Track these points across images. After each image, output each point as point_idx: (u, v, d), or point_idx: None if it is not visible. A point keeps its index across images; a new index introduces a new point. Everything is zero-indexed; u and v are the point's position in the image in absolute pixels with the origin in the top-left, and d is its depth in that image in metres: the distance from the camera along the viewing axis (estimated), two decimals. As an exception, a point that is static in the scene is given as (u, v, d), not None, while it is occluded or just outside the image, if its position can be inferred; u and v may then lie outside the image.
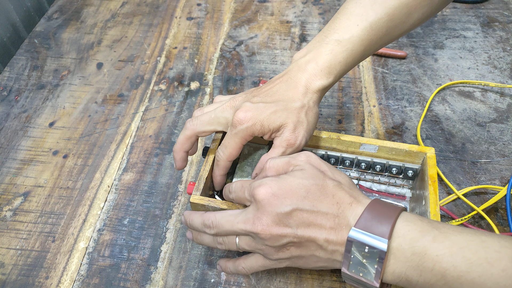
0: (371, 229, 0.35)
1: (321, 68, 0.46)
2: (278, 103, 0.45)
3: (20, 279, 0.52)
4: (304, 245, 0.38)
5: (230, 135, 0.46)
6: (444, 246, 0.33)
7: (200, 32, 0.85)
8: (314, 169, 0.40)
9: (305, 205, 0.37)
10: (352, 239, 0.35)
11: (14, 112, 0.72)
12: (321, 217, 0.37)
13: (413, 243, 0.34)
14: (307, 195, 0.38)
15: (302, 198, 0.38)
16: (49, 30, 0.88)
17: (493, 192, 0.58)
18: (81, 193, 0.61)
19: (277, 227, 0.38)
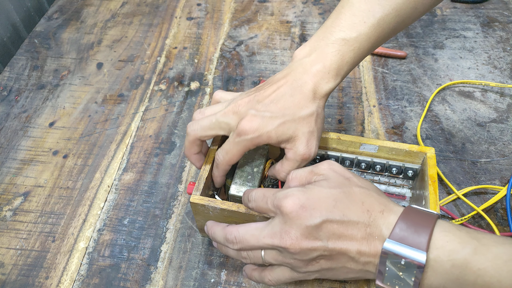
0: (407, 241, 0.33)
1: (328, 70, 0.44)
2: (285, 113, 0.43)
3: (20, 279, 0.52)
4: (335, 258, 0.36)
5: (233, 142, 0.44)
6: (487, 259, 0.31)
7: (200, 32, 0.85)
8: (339, 176, 0.39)
9: (335, 215, 0.36)
10: (387, 251, 0.33)
11: (14, 112, 0.72)
12: (352, 227, 0.35)
13: (453, 255, 0.32)
14: (336, 204, 0.36)
15: (331, 208, 0.36)
16: (49, 30, 0.88)
17: (493, 192, 0.58)
18: (81, 193, 0.61)
19: (307, 241, 0.36)
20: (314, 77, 0.44)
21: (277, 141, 0.43)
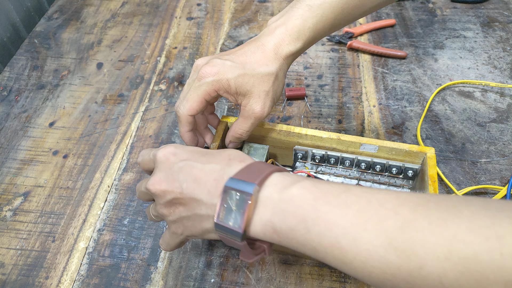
0: (245, 178, 0.35)
1: (289, 33, 0.46)
2: (246, 66, 0.45)
3: (20, 279, 0.52)
4: (188, 203, 0.37)
5: (193, 88, 0.45)
6: (310, 192, 0.33)
7: (200, 32, 0.85)
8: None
9: (198, 161, 0.38)
10: (226, 188, 0.35)
11: (14, 112, 0.72)
12: (209, 171, 0.37)
13: (283, 191, 0.34)
14: (206, 154, 0.39)
15: (198, 156, 0.38)
16: (49, 30, 0.88)
17: (493, 192, 0.58)
18: (81, 193, 0.61)
19: (166, 182, 0.38)
20: (276, 38, 0.46)
21: (235, 92, 0.45)
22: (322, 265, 0.52)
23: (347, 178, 0.58)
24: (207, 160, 0.38)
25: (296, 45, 0.47)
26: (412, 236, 0.27)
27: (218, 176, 0.36)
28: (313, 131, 0.53)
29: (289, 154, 0.57)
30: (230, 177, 0.35)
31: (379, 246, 0.28)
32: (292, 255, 0.52)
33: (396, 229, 0.28)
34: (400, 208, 0.29)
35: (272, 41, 0.46)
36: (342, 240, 0.30)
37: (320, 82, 0.74)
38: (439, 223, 0.27)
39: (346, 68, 0.76)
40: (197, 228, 0.38)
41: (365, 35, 0.82)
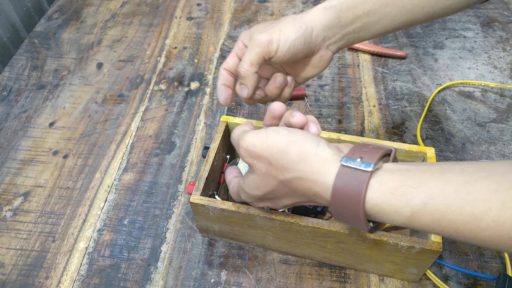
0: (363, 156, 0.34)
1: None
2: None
3: (20, 279, 0.52)
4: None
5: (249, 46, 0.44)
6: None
7: (200, 32, 0.85)
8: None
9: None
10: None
11: (14, 112, 0.72)
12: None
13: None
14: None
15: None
16: (49, 30, 0.88)
17: (493, 192, 0.58)
18: (81, 193, 0.61)
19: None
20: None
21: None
22: (322, 265, 0.52)
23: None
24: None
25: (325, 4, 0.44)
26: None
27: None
28: (313, 131, 0.53)
29: (289, 154, 0.57)
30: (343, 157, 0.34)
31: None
32: (292, 255, 0.53)
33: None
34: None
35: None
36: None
37: (320, 82, 0.74)
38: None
39: (346, 68, 0.76)
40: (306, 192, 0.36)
41: (365, 35, 0.82)
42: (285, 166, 0.35)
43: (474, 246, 0.52)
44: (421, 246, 0.42)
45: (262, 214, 0.45)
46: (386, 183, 0.31)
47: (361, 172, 0.32)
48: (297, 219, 0.45)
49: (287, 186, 0.36)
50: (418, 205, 0.30)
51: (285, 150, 0.35)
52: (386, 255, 0.45)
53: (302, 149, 0.35)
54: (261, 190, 0.38)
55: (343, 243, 0.46)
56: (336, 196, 0.33)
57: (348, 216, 0.33)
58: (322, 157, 0.34)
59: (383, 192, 0.31)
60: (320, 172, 0.34)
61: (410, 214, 0.30)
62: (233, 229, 0.50)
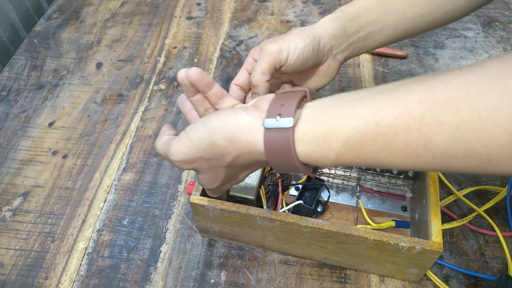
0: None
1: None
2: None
3: (20, 280, 0.52)
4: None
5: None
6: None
7: (200, 32, 0.85)
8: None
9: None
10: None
11: (14, 112, 0.72)
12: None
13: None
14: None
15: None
16: (48, 30, 0.88)
17: (494, 192, 0.57)
18: (80, 193, 0.61)
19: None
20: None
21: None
22: (322, 266, 0.52)
23: (347, 178, 0.57)
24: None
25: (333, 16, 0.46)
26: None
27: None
28: (313, 131, 0.53)
29: (289, 154, 0.57)
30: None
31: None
32: (292, 255, 0.52)
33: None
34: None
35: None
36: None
37: (320, 82, 0.74)
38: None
39: (346, 68, 0.76)
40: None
41: (365, 35, 0.82)
42: (221, 154, 0.36)
43: (475, 247, 0.52)
44: (422, 246, 0.42)
45: (262, 214, 0.45)
46: (309, 134, 0.33)
47: (283, 130, 0.33)
48: (297, 220, 0.45)
49: (234, 166, 0.38)
50: (339, 147, 0.32)
51: (212, 142, 0.36)
52: (386, 255, 0.45)
53: (225, 132, 0.36)
54: (217, 181, 0.40)
55: (344, 243, 0.46)
56: (271, 158, 0.35)
57: (289, 169, 0.36)
58: (245, 128, 0.35)
59: (308, 143, 0.33)
60: (250, 144, 0.35)
61: (335, 156, 0.33)
62: (233, 229, 0.50)
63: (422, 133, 0.28)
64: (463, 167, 0.28)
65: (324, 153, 0.33)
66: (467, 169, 0.28)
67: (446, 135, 0.27)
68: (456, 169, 0.28)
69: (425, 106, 0.28)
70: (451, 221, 0.54)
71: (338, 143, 0.32)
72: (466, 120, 0.26)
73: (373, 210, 0.55)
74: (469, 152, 0.27)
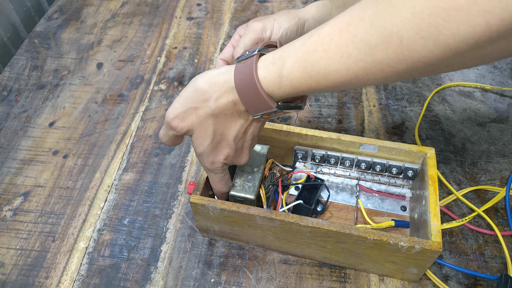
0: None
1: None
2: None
3: (20, 279, 0.52)
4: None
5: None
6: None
7: (200, 32, 0.85)
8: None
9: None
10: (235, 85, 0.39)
11: (14, 112, 0.72)
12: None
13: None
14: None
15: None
16: (49, 30, 0.88)
17: (493, 192, 0.58)
18: (81, 193, 0.61)
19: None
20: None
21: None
22: (322, 265, 0.52)
23: (347, 178, 0.58)
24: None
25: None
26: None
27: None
28: (313, 131, 0.53)
29: (289, 154, 0.57)
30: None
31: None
32: (292, 254, 0.53)
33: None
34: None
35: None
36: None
37: (320, 82, 0.74)
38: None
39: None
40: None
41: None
42: (205, 98, 0.40)
43: (474, 246, 0.52)
44: (421, 246, 0.42)
45: (262, 214, 0.45)
46: (268, 59, 0.38)
47: (249, 58, 0.38)
48: (297, 219, 0.45)
49: (218, 115, 0.41)
50: (290, 64, 0.36)
51: (195, 88, 0.40)
52: (386, 255, 0.46)
53: (205, 77, 0.40)
54: (207, 138, 0.42)
55: (343, 243, 0.46)
56: (240, 89, 0.38)
57: (256, 102, 0.38)
58: (223, 71, 0.40)
59: (268, 66, 0.37)
60: (226, 82, 0.39)
61: (288, 74, 0.36)
62: (233, 229, 0.50)
63: (350, 31, 0.32)
64: (384, 57, 0.31)
65: (279, 72, 0.36)
66: (387, 59, 0.31)
67: (366, 25, 0.31)
68: (379, 61, 0.31)
69: (353, 12, 0.33)
70: (450, 221, 0.54)
71: (289, 60, 0.36)
72: (380, 8, 0.30)
73: (372, 209, 0.55)
74: (384, 36, 0.30)
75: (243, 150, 0.44)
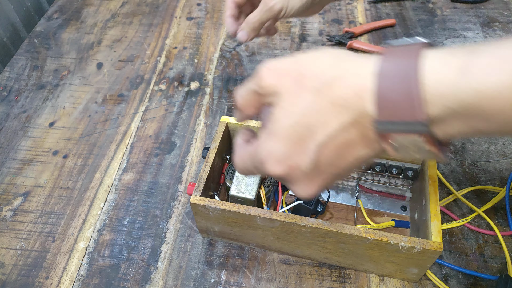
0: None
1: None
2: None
3: (20, 279, 0.52)
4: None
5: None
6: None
7: (200, 32, 0.85)
8: (289, 80, 0.30)
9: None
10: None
11: (14, 112, 0.72)
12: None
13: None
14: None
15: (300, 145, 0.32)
16: (49, 30, 0.88)
17: (493, 192, 0.58)
18: (81, 193, 0.61)
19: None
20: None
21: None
22: (322, 265, 0.52)
23: (347, 178, 0.58)
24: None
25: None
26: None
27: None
28: (313, 131, 0.53)
29: (289, 154, 0.57)
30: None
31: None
32: (292, 255, 0.53)
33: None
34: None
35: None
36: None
37: (320, 82, 0.74)
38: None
39: (346, 68, 0.76)
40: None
41: (365, 35, 0.82)
42: (321, 69, 0.28)
43: (474, 247, 0.52)
44: (422, 246, 0.42)
45: (262, 214, 0.45)
46: (446, 59, 0.25)
47: (411, 46, 0.26)
48: (297, 220, 0.45)
49: (325, 97, 0.28)
50: (497, 80, 0.23)
51: (317, 56, 0.29)
52: (386, 255, 0.45)
53: (334, 53, 0.29)
54: (291, 119, 0.29)
55: (344, 243, 0.46)
56: (383, 79, 0.26)
57: (399, 110, 0.26)
58: (359, 56, 0.28)
59: (445, 68, 0.24)
60: (361, 64, 0.27)
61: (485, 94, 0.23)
62: (233, 229, 0.50)
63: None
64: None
65: (464, 87, 0.23)
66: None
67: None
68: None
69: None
70: (450, 221, 0.54)
71: (494, 77, 0.23)
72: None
73: (372, 210, 0.55)
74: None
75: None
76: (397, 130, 0.27)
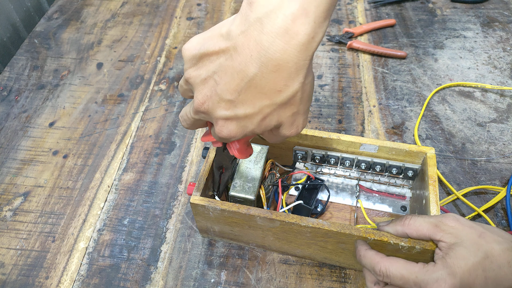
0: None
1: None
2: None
3: (20, 279, 0.52)
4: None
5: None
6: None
7: (200, 32, 0.85)
8: (471, 233, 0.38)
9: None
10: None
11: (14, 112, 0.72)
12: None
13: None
14: (486, 275, 0.36)
15: (483, 284, 0.36)
16: (49, 30, 0.88)
17: (493, 192, 0.58)
18: (81, 193, 0.61)
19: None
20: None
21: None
22: (322, 265, 0.52)
23: (347, 178, 0.58)
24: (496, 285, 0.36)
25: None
26: None
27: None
28: (313, 131, 0.53)
29: (289, 154, 0.57)
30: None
31: None
32: (292, 255, 0.53)
33: None
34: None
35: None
36: None
37: (320, 82, 0.74)
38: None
39: (346, 68, 0.76)
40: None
41: (365, 35, 0.82)
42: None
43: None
44: (422, 246, 0.42)
45: (262, 214, 0.45)
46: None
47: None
48: (297, 220, 0.45)
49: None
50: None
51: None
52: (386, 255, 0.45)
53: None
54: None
55: (344, 243, 0.46)
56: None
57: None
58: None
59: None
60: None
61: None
62: (233, 229, 0.50)
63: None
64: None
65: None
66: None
67: None
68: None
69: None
70: (450, 221, 0.54)
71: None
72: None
73: (372, 210, 0.55)
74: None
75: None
76: None
